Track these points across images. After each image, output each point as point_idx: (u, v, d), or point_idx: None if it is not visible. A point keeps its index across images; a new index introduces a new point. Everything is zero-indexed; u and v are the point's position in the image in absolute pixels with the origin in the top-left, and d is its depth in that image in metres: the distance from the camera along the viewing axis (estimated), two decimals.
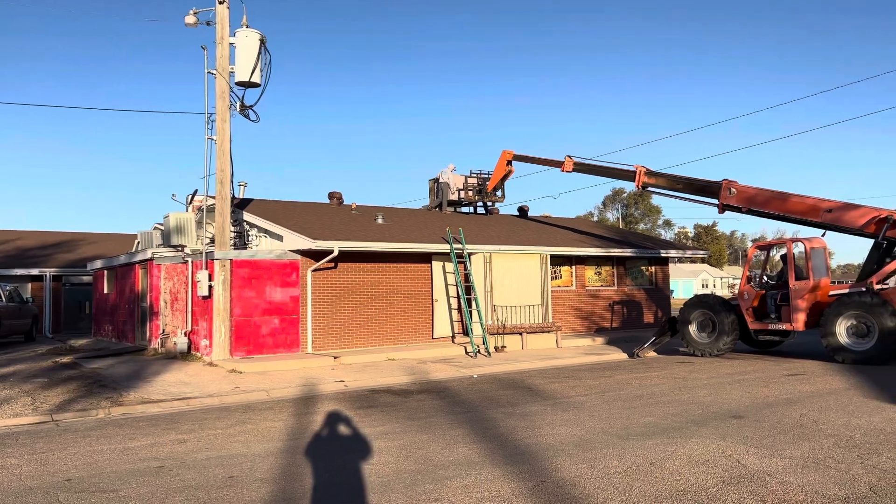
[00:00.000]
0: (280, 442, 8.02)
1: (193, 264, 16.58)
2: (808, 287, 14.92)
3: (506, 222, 24.33)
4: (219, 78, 16.40)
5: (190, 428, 9.00)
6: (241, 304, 15.97)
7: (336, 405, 10.55)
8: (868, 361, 13.56)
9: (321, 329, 16.97)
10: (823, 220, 15.38)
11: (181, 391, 11.81)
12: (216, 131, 16.43)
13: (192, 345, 16.62)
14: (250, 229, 18.68)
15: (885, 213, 14.55)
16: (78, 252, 29.71)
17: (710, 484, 5.93)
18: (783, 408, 9.41)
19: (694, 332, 16.59)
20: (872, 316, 13.58)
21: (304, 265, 16.83)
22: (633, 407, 9.81)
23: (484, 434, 8.19)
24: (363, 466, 6.78)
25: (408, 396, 11.34)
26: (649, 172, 18.86)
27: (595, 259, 22.47)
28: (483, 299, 19.04)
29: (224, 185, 16.39)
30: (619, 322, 23.01)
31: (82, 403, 10.63)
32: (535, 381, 12.94)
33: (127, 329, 20.23)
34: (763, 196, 16.50)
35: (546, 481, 6.13)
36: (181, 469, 6.84)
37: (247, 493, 5.96)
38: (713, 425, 8.35)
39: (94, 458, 7.36)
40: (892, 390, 10.62)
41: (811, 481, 5.93)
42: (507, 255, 19.78)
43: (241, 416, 9.80)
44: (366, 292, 17.76)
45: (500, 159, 23.58)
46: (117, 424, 9.36)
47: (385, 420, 9.27)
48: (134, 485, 6.30)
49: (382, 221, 20.01)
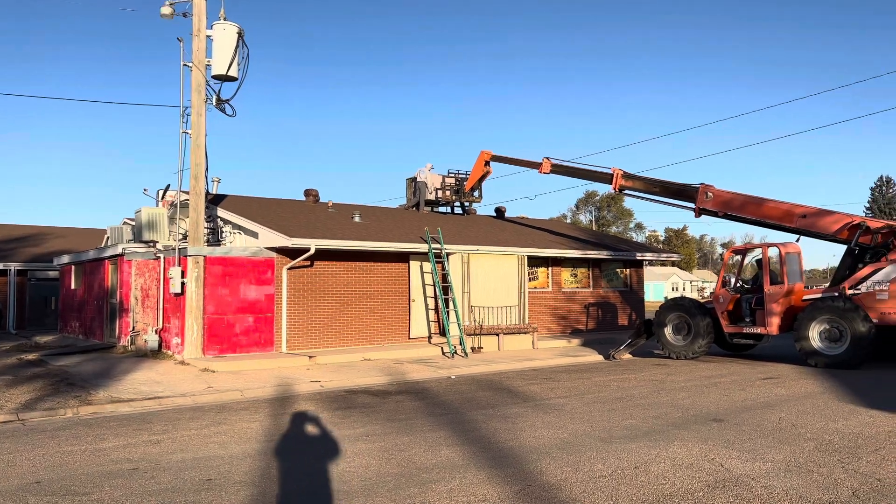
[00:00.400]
0: (257, 443, 7.83)
1: (166, 260, 16.23)
2: (783, 291, 15.10)
3: (483, 223, 24.29)
4: (195, 71, 16.08)
5: (163, 428, 8.76)
6: (215, 302, 15.67)
7: (313, 406, 10.37)
8: (840, 365, 13.76)
9: (296, 328, 16.74)
10: (798, 225, 15.58)
11: (152, 390, 11.52)
12: (191, 125, 16.11)
13: (163, 343, 16.27)
14: (224, 226, 18.36)
15: (858, 220, 14.78)
16: (44, 246, 28.97)
17: (695, 488, 5.90)
18: (761, 411, 9.47)
19: (669, 335, 16.70)
20: (845, 321, 13.79)
21: (280, 263, 16.58)
22: (613, 409, 9.79)
23: (466, 436, 8.10)
24: (345, 469, 6.64)
25: (386, 397, 11.20)
26: (626, 175, 18.96)
27: (571, 261, 22.53)
28: (461, 300, 18.96)
29: (198, 181, 16.08)
30: (594, 324, 23.10)
31: (49, 402, 10.30)
32: (513, 382, 12.89)
33: (95, 326, 19.76)
34: (739, 200, 16.67)
35: (532, 485, 6.05)
36: (156, 471, 6.63)
37: (226, 497, 5.78)
38: (694, 428, 8.36)
39: (64, 460, 7.10)
40: (865, 394, 10.77)
41: (795, 486, 5.94)
42: (485, 255, 19.73)
43: (216, 417, 9.58)
44: (342, 291, 17.57)
45: (478, 160, 23.53)
46: (87, 424, 9.07)
47: (364, 421, 9.12)
48: (107, 487, 6.08)
49: (360, 220, 19.82)
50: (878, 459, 6.78)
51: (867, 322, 13.60)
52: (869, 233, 14.50)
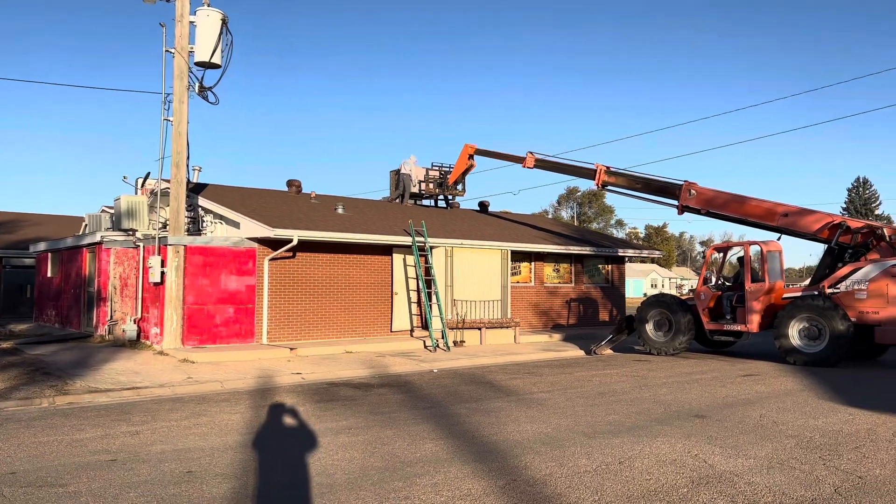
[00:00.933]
0: (238, 435, 7.73)
1: (145, 249, 15.99)
2: (764, 289, 15.23)
3: (467, 217, 24.23)
4: (177, 57, 15.82)
5: (142, 419, 8.63)
6: (195, 292, 15.48)
7: (295, 398, 10.28)
8: (818, 363, 13.92)
9: (277, 320, 16.59)
10: (779, 223, 15.71)
11: (131, 380, 11.35)
12: (173, 112, 15.85)
13: (141, 332, 16.05)
14: (205, 215, 18.12)
15: (839, 220, 14.94)
16: (20, 233, 28.47)
17: (680, 484, 5.91)
18: (743, 408, 9.53)
19: (651, 331, 16.78)
20: (824, 319, 13.93)
21: (262, 253, 16.41)
22: (596, 404, 9.81)
23: (450, 430, 8.06)
24: (328, 462, 6.57)
25: (368, 390, 11.13)
26: (609, 171, 18.99)
27: (554, 256, 22.56)
28: (444, 293, 18.91)
29: (179, 169, 15.84)
30: (575, 319, 23.18)
31: (24, 392, 10.11)
32: (496, 376, 12.87)
33: (72, 315, 19.44)
34: (722, 198, 16.77)
35: (517, 479, 6.02)
36: (135, 463, 6.51)
37: (206, 490, 5.69)
38: (677, 424, 8.39)
39: (40, 451, 6.96)
40: (844, 392, 10.89)
41: (778, 482, 5.97)
42: (469, 249, 19.69)
43: (196, 408, 9.45)
44: (324, 283, 17.44)
45: (462, 153, 23.44)
46: (63, 415, 8.91)
47: (347, 414, 9.05)
48: (84, 479, 5.96)
49: (343, 212, 19.67)
50: (858, 457, 6.85)
51: (846, 321, 13.75)
52: (849, 232, 14.66)
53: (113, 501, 5.37)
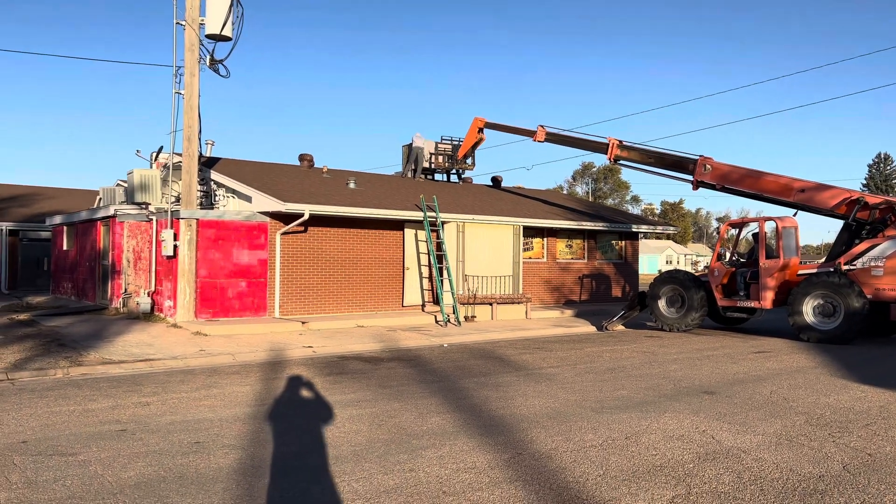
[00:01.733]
0: (248, 407, 7.79)
1: (158, 223, 16.07)
2: (778, 266, 15.06)
3: (479, 192, 24.12)
4: (188, 29, 15.74)
5: (153, 391, 8.72)
6: (207, 266, 15.56)
7: (305, 371, 10.34)
8: (832, 341, 13.79)
9: (289, 294, 16.66)
10: (796, 199, 15.48)
11: (144, 352, 11.47)
12: (184, 85, 15.82)
13: (155, 305, 16.19)
14: (217, 189, 18.16)
15: (857, 195, 14.69)
16: (36, 207, 28.71)
17: (686, 459, 5.89)
18: (753, 384, 9.47)
19: (663, 307, 16.69)
20: (839, 296, 13.77)
21: (273, 228, 16.44)
22: (605, 380, 9.79)
23: (457, 404, 8.07)
24: (335, 434, 6.61)
25: (378, 364, 11.18)
26: (622, 145, 18.77)
27: (567, 232, 22.43)
28: (455, 269, 18.89)
29: (191, 142, 15.84)
30: (587, 295, 23.10)
31: (39, 363, 10.24)
32: (506, 351, 12.88)
33: (87, 287, 19.65)
34: (737, 174, 16.54)
35: (522, 453, 6.02)
36: (144, 433, 6.58)
37: (213, 460, 5.74)
38: (686, 400, 8.35)
39: (51, 420, 7.05)
40: (857, 370, 10.79)
41: (786, 459, 5.93)
42: (481, 224, 19.61)
43: (207, 380, 9.54)
44: (335, 258, 17.47)
45: (472, 126, 23.25)
46: (76, 385, 9.02)
47: (356, 387, 9.09)
48: (94, 448, 6.03)
49: (354, 186, 19.63)
50: (868, 434, 6.78)
51: (861, 298, 13.59)
52: (867, 208, 14.42)
53: (121, 470, 5.44)
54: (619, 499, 4.92)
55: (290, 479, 5.29)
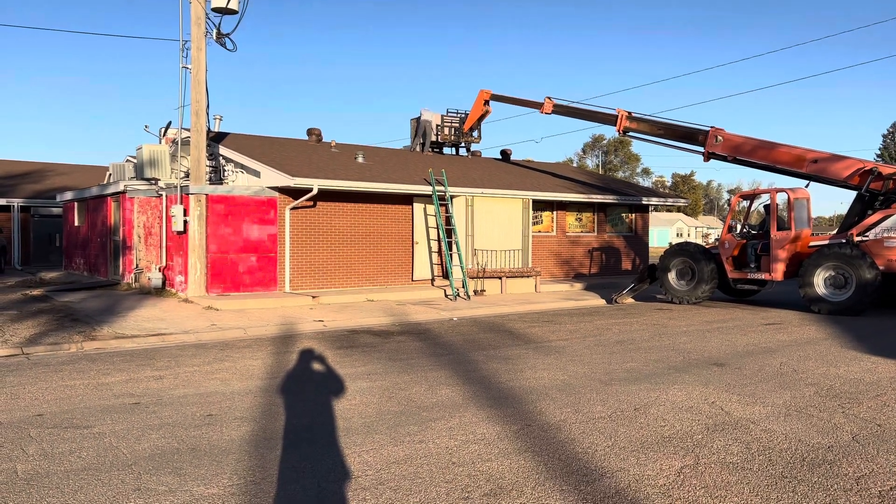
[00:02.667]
0: (259, 380, 7.87)
1: (168, 198, 16.12)
2: (790, 238, 14.96)
3: (488, 165, 24.00)
4: (194, 3, 15.61)
5: (166, 364, 8.81)
6: (217, 241, 15.62)
7: (315, 344, 10.41)
8: (843, 312, 13.73)
9: (299, 268, 16.73)
10: (809, 170, 15.32)
11: (156, 327, 11.58)
12: (191, 60, 15.74)
13: (166, 280, 16.31)
14: (226, 164, 18.15)
15: (870, 166, 14.52)
16: (47, 183, 28.85)
17: (694, 430, 5.91)
18: (763, 356, 9.47)
19: (673, 280, 16.64)
20: (851, 268, 13.68)
21: (283, 203, 16.45)
22: (614, 352, 9.80)
23: (466, 376, 8.12)
24: (345, 407, 6.67)
25: (388, 338, 11.24)
26: (631, 117, 18.58)
27: (576, 205, 22.33)
28: (464, 243, 18.87)
29: (199, 117, 15.81)
30: (597, 268, 23.07)
31: (54, 337, 10.37)
32: (515, 324, 12.91)
33: (99, 263, 19.80)
34: (750, 145, 16.37)
35: (531, 425, 6.07)
36: (158, 406, 6.67)
37: (226, 432, 5.82)
38: (695, 372, 8.36)
39: (66, 394, 7.15)
40: (868, 341, 10.75)
41: (794, 429, 5.94)
42: (490, 198, 19.55)
43: (219, 354, 9.63)
44: (345, 232, 17.48)
45: (478, 99, 23.06)
46: (90, 359, 9.13)
47: (366, 360, 9.16)
48: (109, 421, 6.12)
49: (363, 160, 19.58)
50: (878, 405, 6.78)
51: (873, 269, 13.49)
52: (881, 179, 14.25)
53: (135, 442, 5.52)
54: (628, 469, 4.95)
55: (302, 450, 5.35)
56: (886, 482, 4.73)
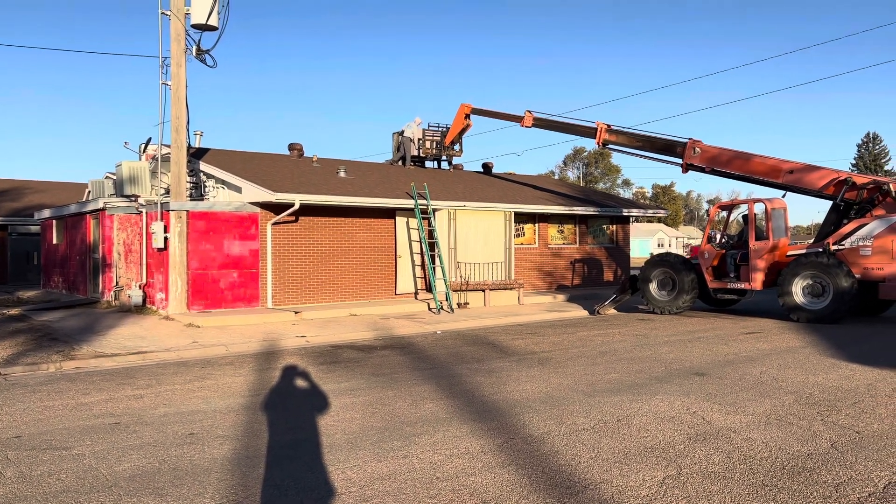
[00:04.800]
0: (241, 398, 7.81)
1: (148, 215, 16.00)
2: (768, 247, 15.15)
3: (470, 179, 24.10)
4: (173, 19, 15.60)
5: (147, 383, 8.73)
6: (199, 257, 15.52)
7: (298, 360, 10.37)
8: (822, 320, 13.91)
9: (281, 284, 16.66)
10: (785, 181, 15.55)
11: (137, 345, 11.46)
12: (171, 76, 15.70)
13: (147, 298, 16.16)
14: (207, 180, 18.08)
15: (845, 175, 14.77)
16: (24, 200, 28.52)
17: (677, 440, 5.95)
18: (743, 365, 9.56)
19: (654, 290, 16.78)
20: (828, 276, 13.88)
21: (264, 218, 16.40)
22: (597, 363, 9.86)
23: (450, 390, 8.12)
24: (329, 423, 6.64)
25: (371, 352, 11.21)
26: (610, 129, 18.78)
27: (558, 217, 22.47)
28: (447, 256, 18.91)
29: (179, 134, 15.75)
30: (579, 280, 23.19)
31: (32, 357, 10.22)
32: (498, 337, 12.94)
33: (78, 281, 19.58)
34: (726, 156, 16.59)
35: (514, 438, 6.08)
36: (138, 426, 6.60)
37: (208, 451, 5.77)
38: (677, 382, 8.43)
39: (45, 415, 7.06)
40: (846, 349, 10.90)
41: (775, 438, 6.01)
42: (472, 211, 19.62)
43: (201, 372, 9.55)
44: (328, 247, 17.45)
45: (459, 113, 23.20)
46: (69, 379, 9.02)
47: (349, 376, 9.13)
48: (88, 442, 6.05)
49: (345, 175, 19.59)
50: (856, 412, 6.87)
51: (850, 277, 13.70)
52: (855, 188, 14.50)
53: (116, 463, 5.46)
54: (611, 480, 4.98)
55: (285, 468, 5.32)
56: (865, 489, 4.79)
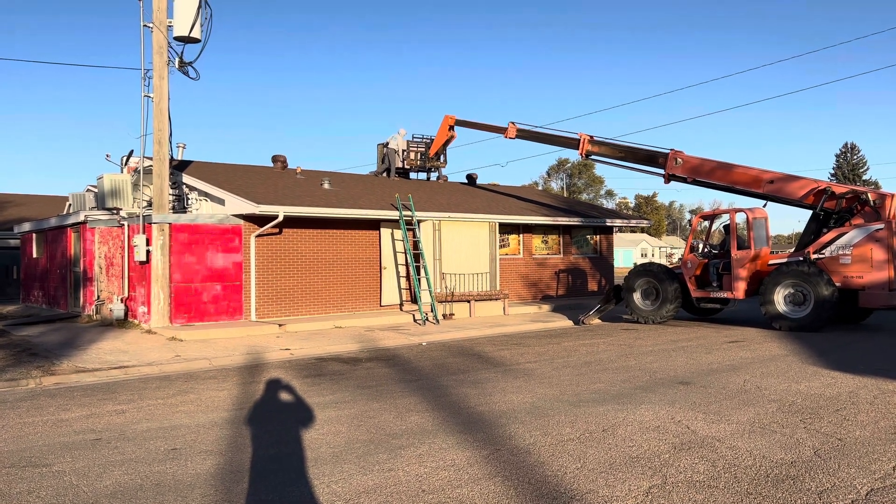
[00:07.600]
0: (225, 412, 7.74)
1: (130, 228, 15.86)
2: (749, 256, 15.30)
3: (455, 190, 24.15)
4: (156, 32, 15.54)
5: (129, 398, 8.62)
6: (181, 270, 15.40)
7: (283, 374, 10.29)
8: (803, 328, 14.05)
9: (265, 296, 16.56)
10: (765, 190, 15.73)
11: (118, 360, 11.33)
12: (153, 89, 15.62)
13: (129, 312, 15.99)
14: (190, 192, 17.97)
15: (824, 185, 14.97)
16: (4, 214, 28.20)
17: (662, 450, 5.97)
18: (727, 374, 9.63)
19: (638, 300, 16.86)
20: (809, 285, 14.03)
21: (248, 230, 16.32)
22: (582, 374, 9.88)
23: (436, 402, 8.10)
24: (314, 436, 6.60)
25: (357, 364, 11.16)
26: (593, 140, 18.92)
27: (542, 228, 22.56)
28: (432, 267, 18.90)
29: (162, 146, 15.66)
30: (564, 290, 23.26)
31: (11, 373, 10.07)
32: (484, 348, 12.93)
33: (59, 295, 19.34)
34: (708, 166, 16.76)
35: (501, 449, 6.07)
36: (120, 441, 6.52)
37: (191, 466, 5.70)
38: (661, 391, 8.46)
39: (24, 431, 6.95)
40: (827, 356, 11.01)
41: (759, 446, 6.04)
42: (457, 222, 19.65)
43: (183, 386, 9.45)
44: (312, 259, 17.39)
45: (443, 124, 23.28)
46: (50, 395, 8.89)
47: (334, 389, 9.07)
48: (69, 458, 5.96)
49: (329, 187, 19.55)
50: (838, 419, 6.93)
51: (830, 286, 13.86)
52: (834, 198, 14.70)
53: (97, 480, 5.38)
54: (597, 490, 4.98)
55: (269, 482, 5.27)
56: (847, 496, 4.83)
